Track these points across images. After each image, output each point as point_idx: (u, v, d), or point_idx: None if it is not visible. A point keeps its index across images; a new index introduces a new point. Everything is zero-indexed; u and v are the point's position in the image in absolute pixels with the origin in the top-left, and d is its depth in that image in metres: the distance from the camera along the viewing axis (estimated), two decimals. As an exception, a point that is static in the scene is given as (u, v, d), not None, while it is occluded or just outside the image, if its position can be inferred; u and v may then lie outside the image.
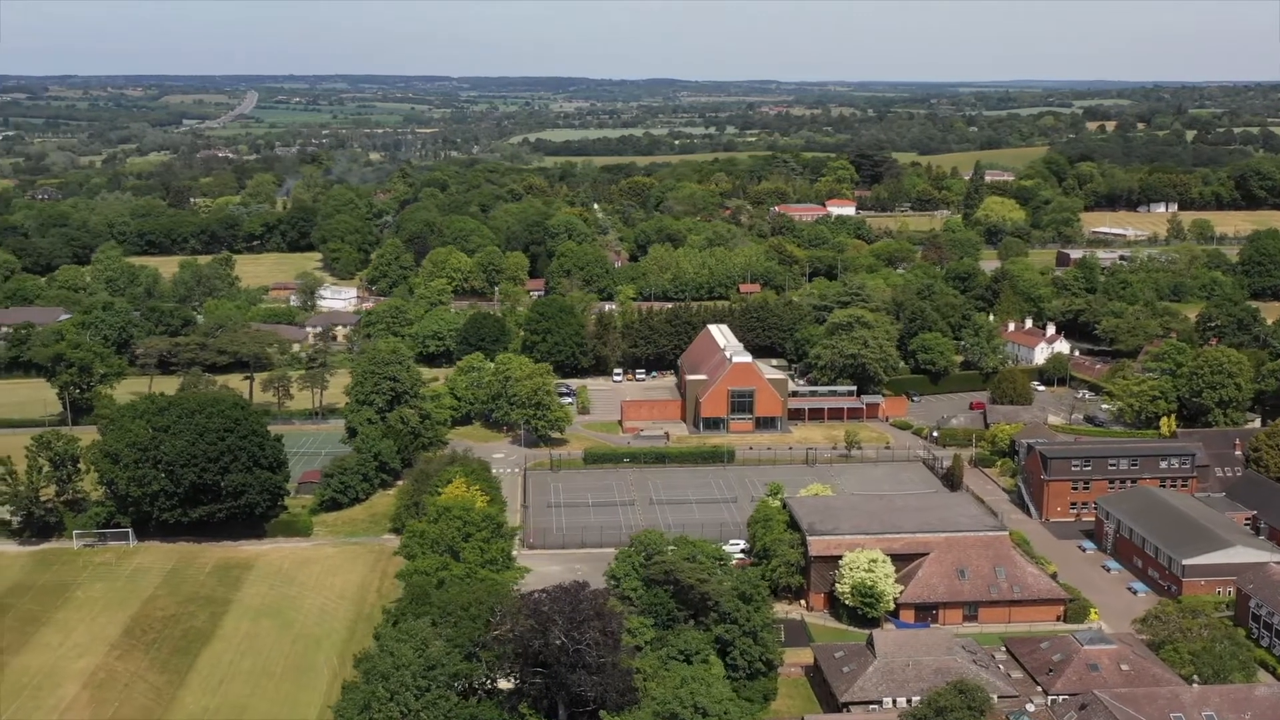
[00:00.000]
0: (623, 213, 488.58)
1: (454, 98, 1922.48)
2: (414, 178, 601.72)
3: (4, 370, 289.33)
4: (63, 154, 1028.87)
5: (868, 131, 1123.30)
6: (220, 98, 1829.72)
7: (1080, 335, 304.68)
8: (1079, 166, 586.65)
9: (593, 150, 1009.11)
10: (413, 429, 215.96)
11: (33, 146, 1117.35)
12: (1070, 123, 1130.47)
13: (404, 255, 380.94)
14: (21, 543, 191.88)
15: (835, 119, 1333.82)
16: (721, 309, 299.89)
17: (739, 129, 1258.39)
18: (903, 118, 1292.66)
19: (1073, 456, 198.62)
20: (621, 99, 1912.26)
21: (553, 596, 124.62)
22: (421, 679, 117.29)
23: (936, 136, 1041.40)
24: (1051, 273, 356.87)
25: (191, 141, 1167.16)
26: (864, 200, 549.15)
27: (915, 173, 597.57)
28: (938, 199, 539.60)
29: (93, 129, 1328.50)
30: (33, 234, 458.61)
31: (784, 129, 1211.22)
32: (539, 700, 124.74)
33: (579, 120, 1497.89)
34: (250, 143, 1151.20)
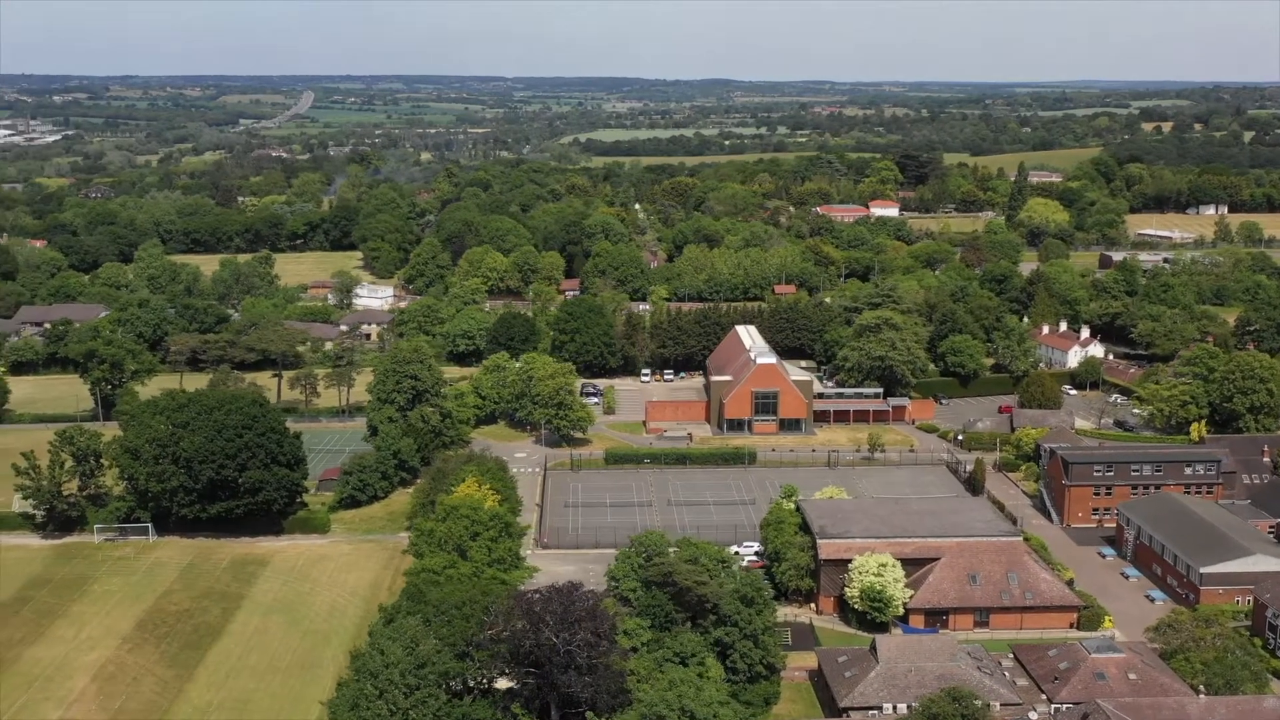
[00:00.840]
0: (663, 213, 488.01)
1: (508, 98, 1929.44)
2: (459, 177, 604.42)
3: (43, 366, 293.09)
4: (120, 153, 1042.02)
5: (919, 132, 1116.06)
6: (277, 98, 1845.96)
7: (1117, 339, 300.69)
8: (1128, 168, 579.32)
9: (642, 150, 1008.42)
10: (433, 427, 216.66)
11: (91, 146, 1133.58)
12: (1125, 123, 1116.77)
13: (441, 254, 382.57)
14: (44, 536, 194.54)
15: (888, 119, 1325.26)
16: (751, 310, 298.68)
17: (790, 129, 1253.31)
18: (956, 118, 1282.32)
19: (1094, 462, 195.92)
20: (675, 99, 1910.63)
21: (545, 596, 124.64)
22: (411, 677, 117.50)
23: (989, 137, 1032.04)
24: (1092, 275, 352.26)
25: (246, 141, 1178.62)
26: (907, 201, 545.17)
27: (960, 174, 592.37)
28: (982, 200, 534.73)
29: (150, 128, 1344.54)
30: (81, 232, 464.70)
31: (835, 129, 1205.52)
32: (531, 700, 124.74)
33: (630, 120, 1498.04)
34: (304, 142, 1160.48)
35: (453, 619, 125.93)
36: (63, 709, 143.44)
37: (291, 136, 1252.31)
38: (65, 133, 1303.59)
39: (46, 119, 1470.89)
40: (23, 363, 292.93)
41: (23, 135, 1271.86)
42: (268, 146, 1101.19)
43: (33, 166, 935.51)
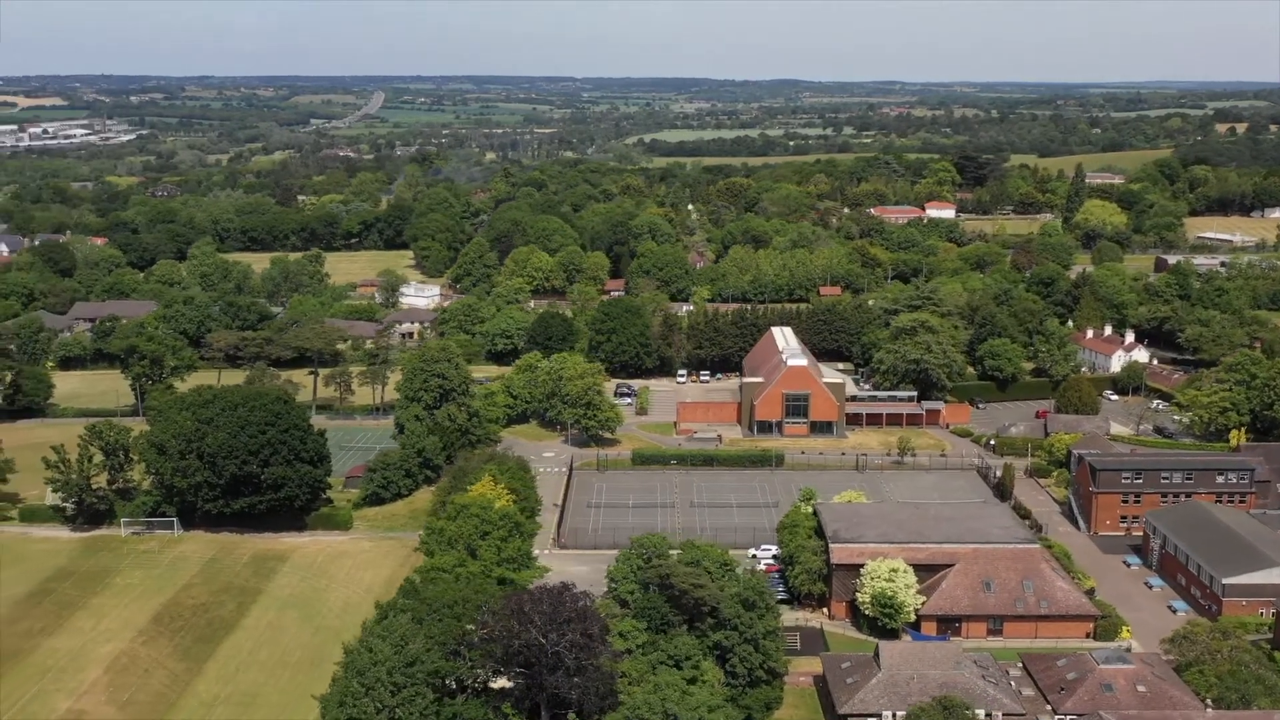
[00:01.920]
0: (715, 214, 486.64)
1: (576, 98, 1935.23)
2: (516, 177, 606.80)
3: (90, 361, 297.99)
4: (191, 152, 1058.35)
5: (986, 133, 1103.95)
6: (349, 98, 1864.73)
7: (1165, 344, 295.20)
8: (1192, 169, 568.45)
9: (706, 151, 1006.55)
10: (460, 426, 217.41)
11: (164, 145, 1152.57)
12: (1199, 124, 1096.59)
13: (488, 254, 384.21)
14: (74, 529, 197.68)
15: (956, 120, 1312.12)
16: (789, 312, 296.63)
17: (856, 130, 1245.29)
18: (1025, 119, 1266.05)
19: (1123, 469, 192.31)
20: (743, 100, 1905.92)
21: (534, 597, 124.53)
22: (399, 675, 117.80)
23: (1057, 138, 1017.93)
24: (1144, 279, 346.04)
25: (315, 141, 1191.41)
26: (965, 203, 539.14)
27: (1019, 175, 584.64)
28: (1041, 202, 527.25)
29: (223, 128, 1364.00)
30: (142, 230, 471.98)
31: (901, 130, 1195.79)
32: (521, 700, 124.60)
33: (697, 121, 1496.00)
34: (371, 142, 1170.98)
35: (444, 618, 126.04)
36: (72, 699, 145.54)
37: (360, 136, 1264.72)
38: (140, 132, 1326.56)
39: (123, 119, 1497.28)
40: (71, 358, 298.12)
41: (99, 135, 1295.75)
42: (336, 146, 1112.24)
43: (106, 166, 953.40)
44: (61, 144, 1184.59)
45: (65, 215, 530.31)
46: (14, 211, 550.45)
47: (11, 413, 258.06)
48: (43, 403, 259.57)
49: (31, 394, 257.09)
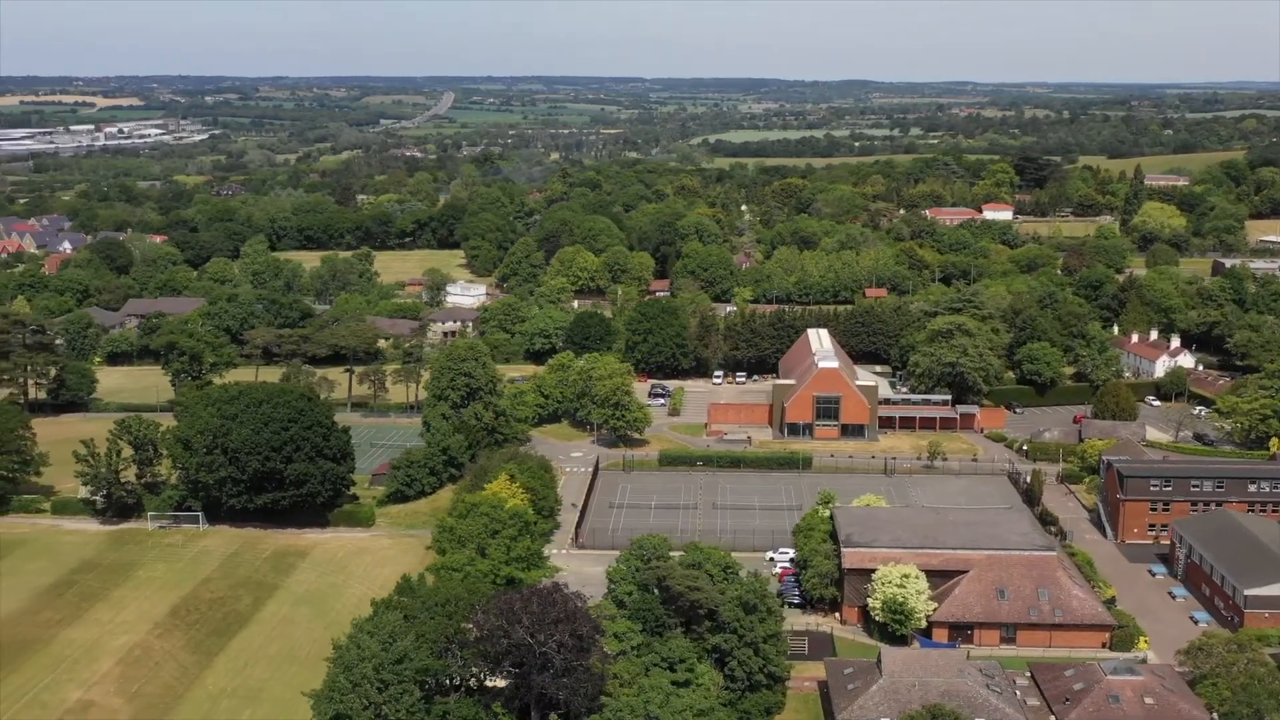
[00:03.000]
0: (767, 214, 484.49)
1: (644, 99, 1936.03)
2: (573, 177, 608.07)
3: (137, 357, 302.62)
4: (261, 152, 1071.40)
5: (1055, 134, 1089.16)
6: (419, 98, 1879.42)
7: (1214, 349, 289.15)
8: (1259, 172, 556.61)
9: (771, 151, 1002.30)
10: (486, 425, 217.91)
11: (235, 145, 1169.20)
12: (1275, 126, 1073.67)
13: (535, 254, 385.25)
14: (103, 522, 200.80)
15: (1026, 121, 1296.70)
16: (826, 313, 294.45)
17: (923, 131, 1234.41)
18: (1096, 120, 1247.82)
19: (1151, 476, 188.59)
20: (812, 100, 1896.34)
21: (524, 597, 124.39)
22: (386, 672, 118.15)
23: (1127, 140, 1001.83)
24: (1198, 282, 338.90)
25: (382, 141, 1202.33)
26: (1023, 205, 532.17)
27: (1079, 176, 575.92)
28: (1101, 204, 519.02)
29: (293, 128, 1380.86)
30: (201, 228, 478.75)
31: (969, 131, 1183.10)
32: (511, 700, 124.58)
33: (764, 122, 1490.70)
34: (438, 142, 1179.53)
35: (436, 616, 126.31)
36: (83, 690, 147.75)
37: (427, 136, 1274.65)
38: (212, 132, 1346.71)
39: (197, 119, 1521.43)
40: (118, 353, 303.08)
41: (172, 135, 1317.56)
42: (403, 146, 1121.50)
43: (177, 165, 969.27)
44: (135, 143, 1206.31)
45: (129, 213, 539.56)
46: (80, 210, 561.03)
47: (55, 406, 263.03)
48: (85, 397, 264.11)
49: (74, 389, 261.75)
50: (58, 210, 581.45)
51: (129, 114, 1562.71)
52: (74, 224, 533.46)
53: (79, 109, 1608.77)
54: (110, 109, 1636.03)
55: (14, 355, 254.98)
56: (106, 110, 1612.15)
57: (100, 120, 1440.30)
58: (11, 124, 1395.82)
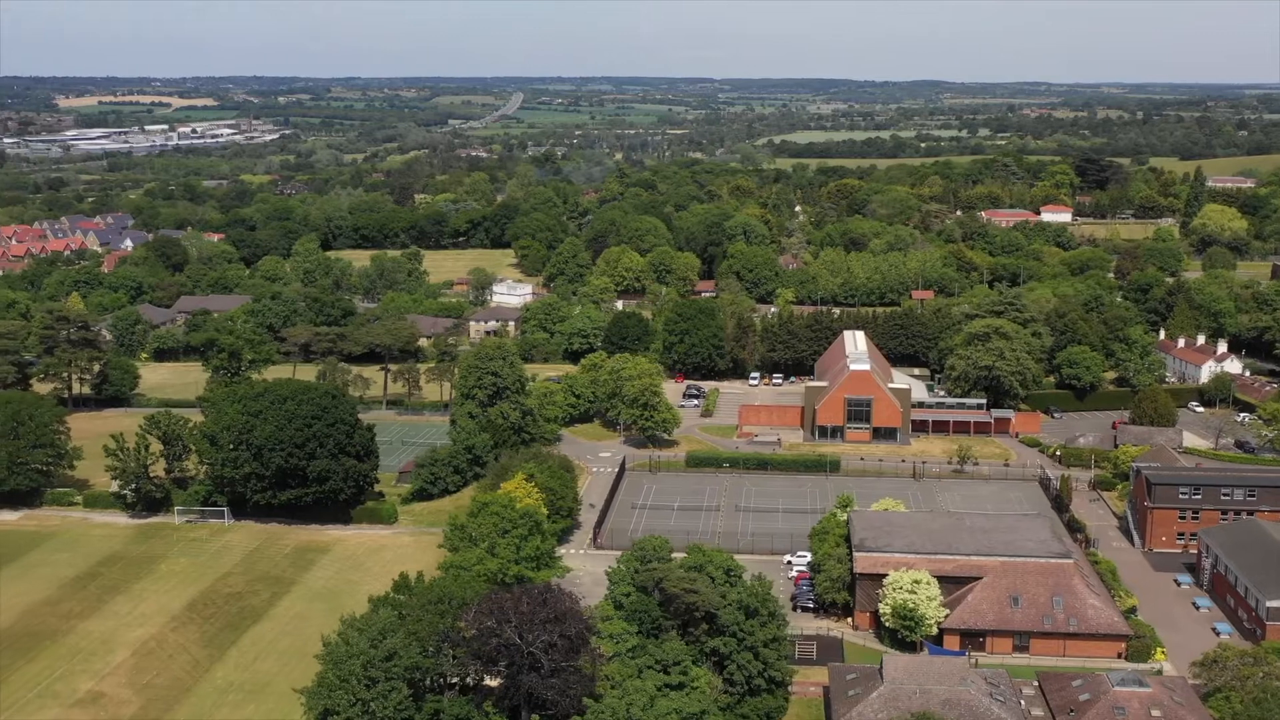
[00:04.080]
0: (821, 215, 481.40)
1: (712, 99, 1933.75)
2: (630, 177, 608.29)
3: (183, 353, 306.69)
4: (329, 152, 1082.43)
5: (1126, 135, 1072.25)
6: (488, 99, 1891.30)
7: (1265, 355, 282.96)
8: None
9: (836, 152, 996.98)
10: (512, 424, 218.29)
11: (304, 145, 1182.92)
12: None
13: (582, 253, 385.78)
14: (132, 515, 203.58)
15: (1098, 122, 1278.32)
16: (865, 315, 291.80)
17: (992, 132, 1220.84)
18: (1169, 121, 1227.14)
19: (1180, 483, 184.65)
20: (881, 101, 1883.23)
21: (515, 596, 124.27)
22: (374, 669, 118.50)
23: (1200, 141, 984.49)
24: (1254, 286, 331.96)
25: (449, 141, 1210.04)
26: (1083, 206, 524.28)
27: (1141, 178, 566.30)
28: (1163, 206, 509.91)
29: (363, 128, 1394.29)
30: (259, 227, 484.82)
31: (1038, 132, 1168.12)
32: (502, 700, 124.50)
33: (831, 123, 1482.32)
34: (504, 142, 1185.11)
35: (429, 614, 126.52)
36: (95, 681, 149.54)
37: (494, 136, 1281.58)
38: (283, 132, 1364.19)
39: (269, 119, 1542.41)
40: (164, 350, 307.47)
41: (244, 135, 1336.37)
42: (469, 146, 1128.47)
43: (246, 164, 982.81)
44: (207, 143, 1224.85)
45: (190, 212, 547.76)
46: (144, 208, 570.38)
47: (99, 401, 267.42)
48: (128, 392, 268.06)
49: (117, 384, 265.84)
50: (123, 208, 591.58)
51: (203, 114, 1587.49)
52: (136, 222, 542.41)
53: (155, 109, 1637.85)
54: (185, 109, 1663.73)
55: (58, 351, 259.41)
56: (182, 110, 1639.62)
57: (175, 120, 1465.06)
58: (89, 124, 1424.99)
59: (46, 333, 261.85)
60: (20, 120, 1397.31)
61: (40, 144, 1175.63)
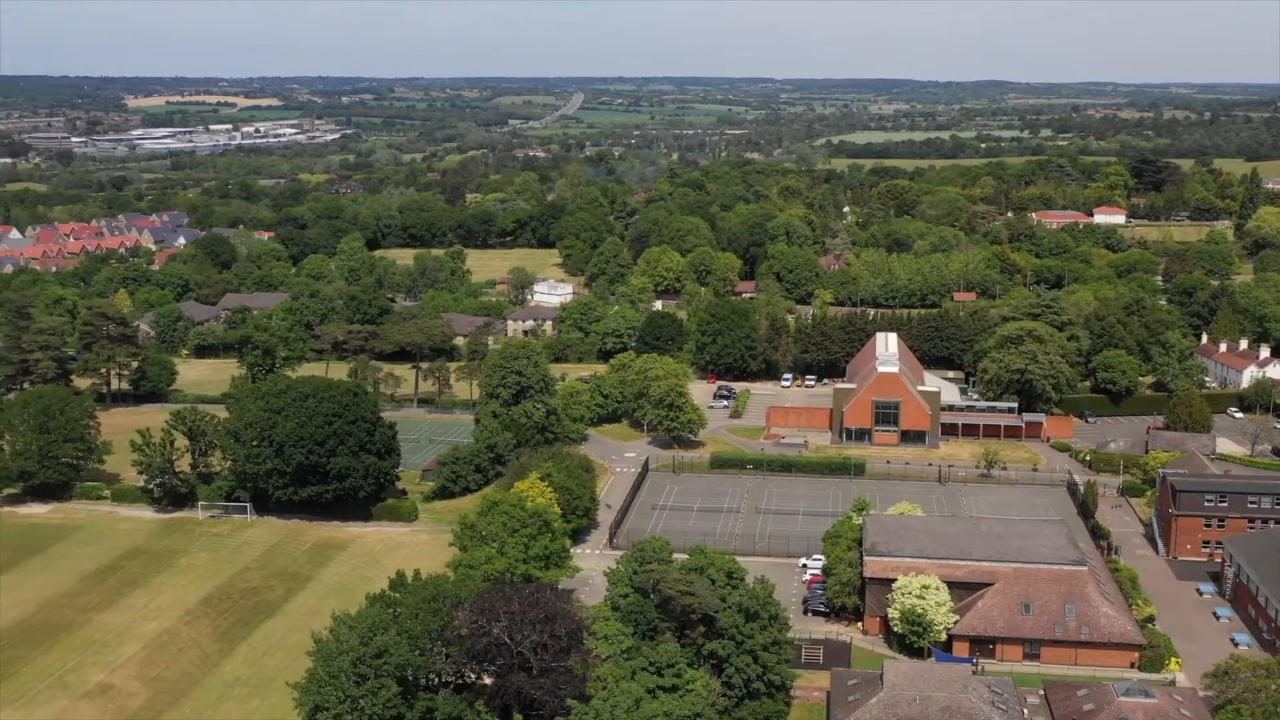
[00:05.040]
0: (869, 216, 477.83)
1: (773, 99, 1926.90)
2: (680, 177, 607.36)
3: (223, 350, 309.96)
4: (388, 151, 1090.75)
5: (1191, 136, 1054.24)
6: (549, 99, 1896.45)
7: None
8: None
9: (894, 153, 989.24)
10: (536, 423, 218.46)
11: (364, 144, 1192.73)
12: None
13: (623, 253, 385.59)
14: (158, 510, 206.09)
15: (1163, 123, 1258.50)
16: (899, 317, 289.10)
17: (1054, 132, 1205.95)
18: (1237, 121, 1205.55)
19: (1206, 490, 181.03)
20: (944, 101, 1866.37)
21: (505, 595, 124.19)
22: (363, 666, 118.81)
23: (1267, 141, 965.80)
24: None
25: (507, 141, 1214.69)
26: (1137, 208, 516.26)
27: (1198, 180, 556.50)
28: (1219, 208, 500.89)
29: (423, 128, 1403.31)
30: (310, 225, 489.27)
31: (1101, 133, 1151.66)
32: (493, 699, 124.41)
33: (892, 123, 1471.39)
34: (562, 142, 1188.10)
35: (421, 612, 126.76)
36: (105, 673, 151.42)
37: (552, 136, 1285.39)
38: (345, 131, 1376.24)
39: (331, 118, 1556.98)
40: (204, 346, 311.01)
41: (306, 134, 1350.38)
42: (527, 146, 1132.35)
43: (306, 163, 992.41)
44: (270, 142, 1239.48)
45: (244, 210, 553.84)
46: (199, 206, 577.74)
47: (137, 397, 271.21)
48: (165, 388, 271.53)
49: (155, 380, 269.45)
50: (179, 207, 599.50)
51: (267, 114, 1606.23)
52: (190, 220, 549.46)
53: (220, 109, 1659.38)
54: (250, 109, 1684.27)
55: (96, 347, 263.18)
56: (246, 110, 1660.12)
57: (239, 120, 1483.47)
58: (156, 123, 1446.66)
59: (86, 329, 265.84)
60: (89, 120, 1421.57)
61: (107, 143, 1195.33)
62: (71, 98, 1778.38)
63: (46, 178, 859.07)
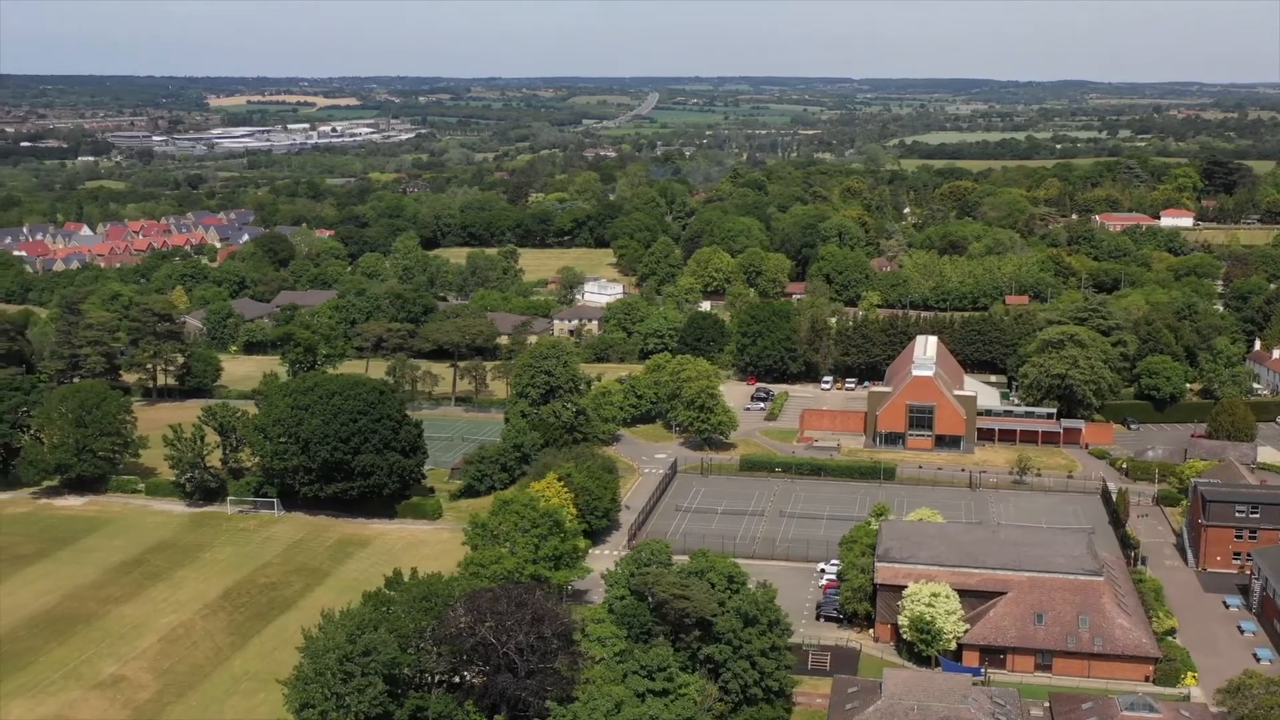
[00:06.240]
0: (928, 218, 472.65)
1: (849, 99, 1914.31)
2: (742, 178, 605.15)
3: (271, 346, 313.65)
4: (461, 150, 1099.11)
5: (1274, 137, 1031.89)
6: (624, 99, 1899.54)
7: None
8: None
9: (967, 154, 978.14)
10: (565, 423, 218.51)
11: (438, 143, 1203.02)
12: None
13: (674, 253, 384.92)
14: (189, 504, 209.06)
15: (1248, 124, 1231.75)
16: (941, 320, 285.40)
17: (1133, 133, 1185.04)
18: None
19: (1237, 501, 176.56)
20: (1023, 101, 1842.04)
21: (494, 596, 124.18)
22: (350, 664, 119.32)
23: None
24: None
25: (579, 140, 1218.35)
26: (1206, 211, 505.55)
27: (1271, 181, 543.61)
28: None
29: (497, 128, 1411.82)
30: (371, 224, 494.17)
31: (1181, 134, 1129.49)
32: (482, 699, 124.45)
33: (968, 123, 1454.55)
34: (634, 142, 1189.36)
35: (412, 610, 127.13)
36: (119, 665, 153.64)
37: (624, 136, 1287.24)
38: (419, 131, 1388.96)
39: (407, 118, 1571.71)
40: (254, 343, 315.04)
41: (381, 134, 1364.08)
42: (598, 146, 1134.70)
43: (379, 162, 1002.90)
44: (345, 141, 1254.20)
45: (308, 209, 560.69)
46: (265, 204, 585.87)
47: (183, 392, 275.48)
48: (210, 384, 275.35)
49: (200, 375, 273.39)
50: (247, 205, 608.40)
51: (345, 113, 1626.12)
52: (256, 218, 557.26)
53: (299, 108, 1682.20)
54: (329, 109, 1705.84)
55: (143, 342, 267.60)
56: (325, 110, 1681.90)
57: (317, 119, 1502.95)
58: (235, 122, 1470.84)
59: (133, 325, 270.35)
60: (170, 119, 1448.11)
61: (186, 142, 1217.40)
62: (156, 97, 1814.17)
63: (126, 176, 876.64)
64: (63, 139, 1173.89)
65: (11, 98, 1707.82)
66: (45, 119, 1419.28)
